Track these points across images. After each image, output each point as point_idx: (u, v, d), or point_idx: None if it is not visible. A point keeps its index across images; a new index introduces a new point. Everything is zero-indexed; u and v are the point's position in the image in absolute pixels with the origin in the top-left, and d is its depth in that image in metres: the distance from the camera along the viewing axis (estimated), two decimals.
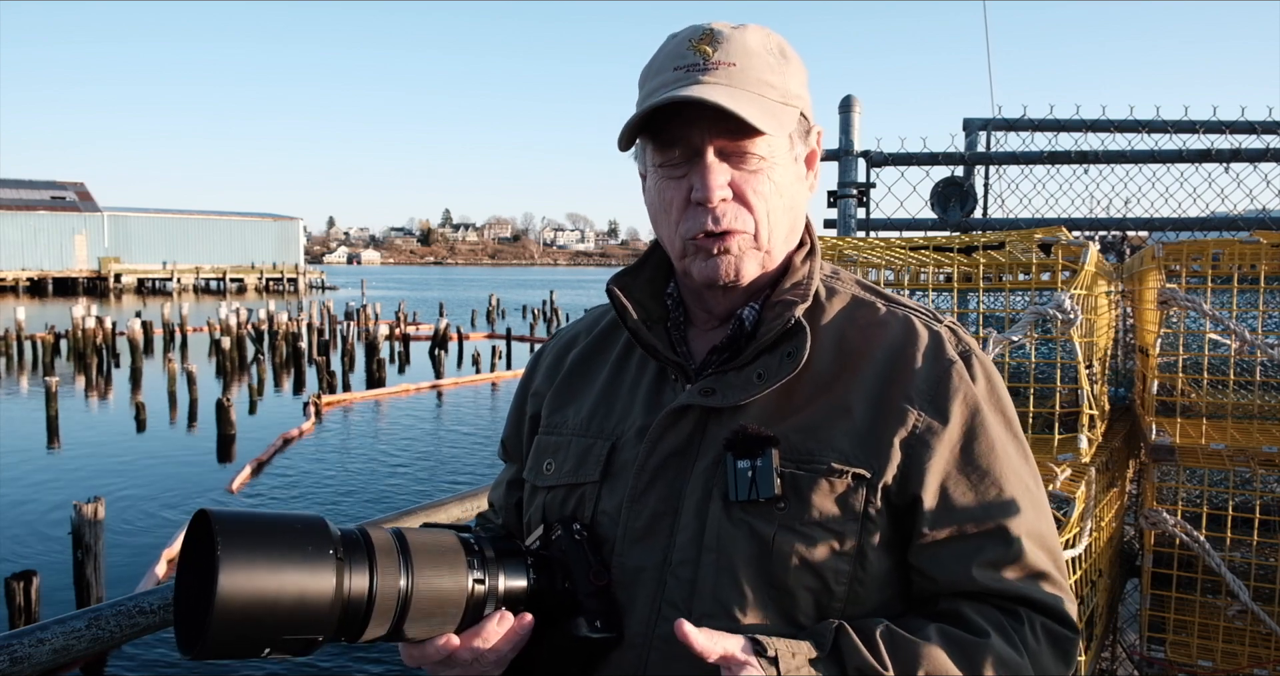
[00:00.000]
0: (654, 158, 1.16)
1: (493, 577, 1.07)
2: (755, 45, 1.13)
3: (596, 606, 1.10)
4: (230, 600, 0.89)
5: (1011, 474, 1.12)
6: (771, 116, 1.10)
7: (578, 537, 1.14)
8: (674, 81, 1.10)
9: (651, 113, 1.10)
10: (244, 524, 0.93)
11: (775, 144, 1.13)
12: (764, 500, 1.07)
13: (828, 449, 1.09)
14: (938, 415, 1.11)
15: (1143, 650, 2.61)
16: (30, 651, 1.38)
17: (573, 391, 1.30)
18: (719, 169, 1.11)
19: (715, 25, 1.14)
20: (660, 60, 1.15)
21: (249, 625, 0.91)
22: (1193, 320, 2.62)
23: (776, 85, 1.12)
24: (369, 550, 1.00)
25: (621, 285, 1.24)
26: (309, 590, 0.94)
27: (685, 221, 1.14)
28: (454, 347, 33.67)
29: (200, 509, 0.94)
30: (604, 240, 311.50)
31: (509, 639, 1.08)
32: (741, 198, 1.13)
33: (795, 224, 1.21)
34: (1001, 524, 1.09)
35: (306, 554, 0.95)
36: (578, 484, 1.21)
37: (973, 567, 1.08)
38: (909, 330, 1.17)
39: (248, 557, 0.91)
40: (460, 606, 1.04)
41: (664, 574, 1.11)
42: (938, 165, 3.82)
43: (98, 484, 13.65)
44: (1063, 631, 1.10)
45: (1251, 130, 3.82)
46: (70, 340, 31.08)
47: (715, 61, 1.11)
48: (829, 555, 1.07)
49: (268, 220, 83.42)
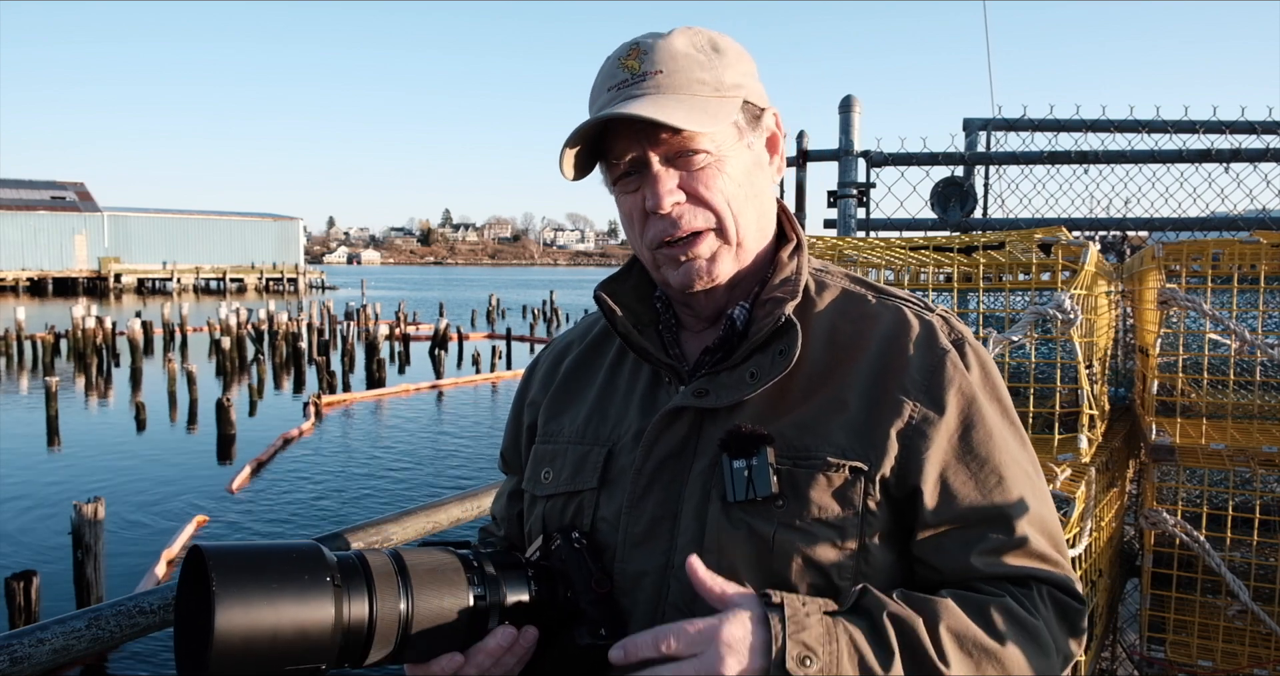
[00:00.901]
0: (609, 177, 1.19)
1: (494, 593, 1.07)
2: (681, 48, 1.14)
3: (599, 614, 1.10)
4: (228, 637, 0.88)
5: (1011, 461, 1.12)
6: (703, 113, 1.10)
7: (577, 546, 1.14)
8: (608, 102, 1.12)
9: (599, 134, 1.13)
10: (237, 558, 0.93)
11: (719, 137, 1.14)
12: (761, 499, 1.07)
13: (824, 443, 1.09)
14: (933, 405, 1.11)
15: (1143, 650, 2.61)
16: (30, 651, 1.38)
17: (568, 399, 1.30)
18: (666, 176, 1.13)
19: (641, 38, 1.16)
20: (597, 83, 1.17)
21: (250, 660, 0.90)
22: (1193, 320, 2.62)
23: (708, 81, 1.13)
24: (367, 575, 0.99)
25: (609, 291, 1.25)
26: (308, 620, 0.93)
27: (648, 231, 1.16)
28: (454, 348, 33.68)
29: (193, 544, 0.94)
30: (604, 240, 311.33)
31: (514, 653, 1.08)
32: (696, 196, 1.14)
33: (764, 210, 1.21)
34: (1004, 512, 1.09)
35: (303, 583, 0.94)
36: (576, 491, 1.20)
37: (974, 555, 1.08)
38: (901, 320, 1.17)
39: (243, 592, 0.90)
40: (463, 625, 1.04)
41: (666, 577, 1.11)
42: (938, 165, 3.82)
43: (98, 484, 13.67)
44: (1070, 601, 1.11)
45: (1251, 130, 3.82)
46: (70, 340, 31.10)
47: (642, 73, 1.12)
48: (831, 551, 1.07)
49: (268, 220, 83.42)
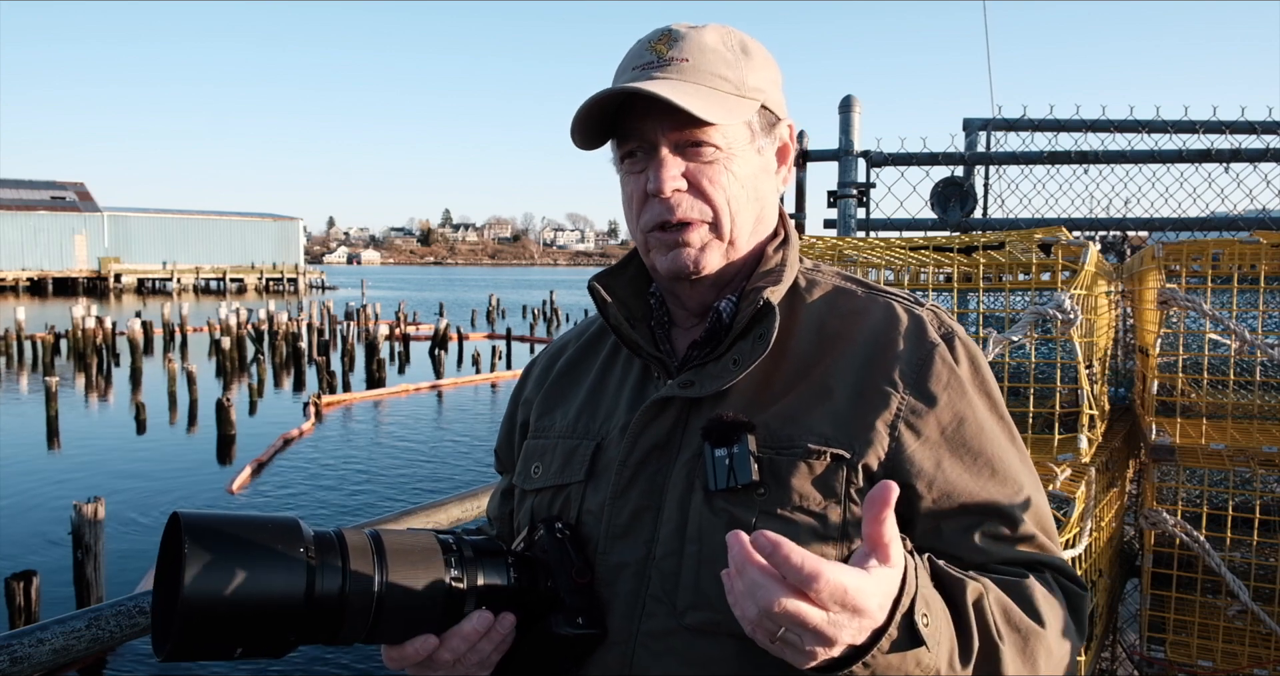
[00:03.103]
0: (617, 154, 1.19)
1: (471, 576, 1.06)
2: (711, 42, 1.15)
3: (579, 603, 1.10)
4: (196, 601, 0.88)
5: (1003, 453, 1.12)
6: (721, 107, 1.11)
7: (560, 536, 1.13)
8: (630, 81, 1.12)
9: (615, 112, 1.13)
10: (213, 525, 0.93)
11: (731, 135, 1.14)
12: (742, 487, 1.06)
13: (806, 432, 1.09)
14: (923, 398, 1.10)
15: (1143, 650, 2.61)
16: (30, 651, 1.38)
17: (561, 395, 1.31)
18: (672, 161, 1.13)
19: (675, 26, 1.16)
20: (623, 63, 1.18)
21: (217, 626, 0.90)
22: (1193, 320, 2.62)
23: (730, 78, 1.14)
24: (342, 550, 0.99)
25: (604, 283, 1.25)
26: (277, 590, 0.93)
27: (645, 214, 1.16)
28: (454, 348, 33.69)
29: (174, 511, 0.94)
30: (604, 240, 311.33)
31: (490, 639, 1.07)
32: (698, 188, 1.14)
33: (763, 215, 1.21)
34: (1000, 504, 1.09)
35: (275, 554, 0.94)
36: (564, 484, 1.20)
37: (977, 543, 1.08)
38: (890, 314, 1.17)
39: (214, 559, 0.90)
40: (438, 607, 1.04)
41: (647, 569, 1.11)
42: (938, 165, 3.82)
43: (98, 484, 13.64)
44: (1074, 587, 1.11)
45: (1251, 130, 3.82)
46: (70, 340, 31.10)
47: (669, 58, 1.13)
48: (813, 540, 1.06)
49: (268, 220, 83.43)
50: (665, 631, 1.08)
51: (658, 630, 1.08)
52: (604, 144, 1.19)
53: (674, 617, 1.08)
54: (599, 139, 1.18)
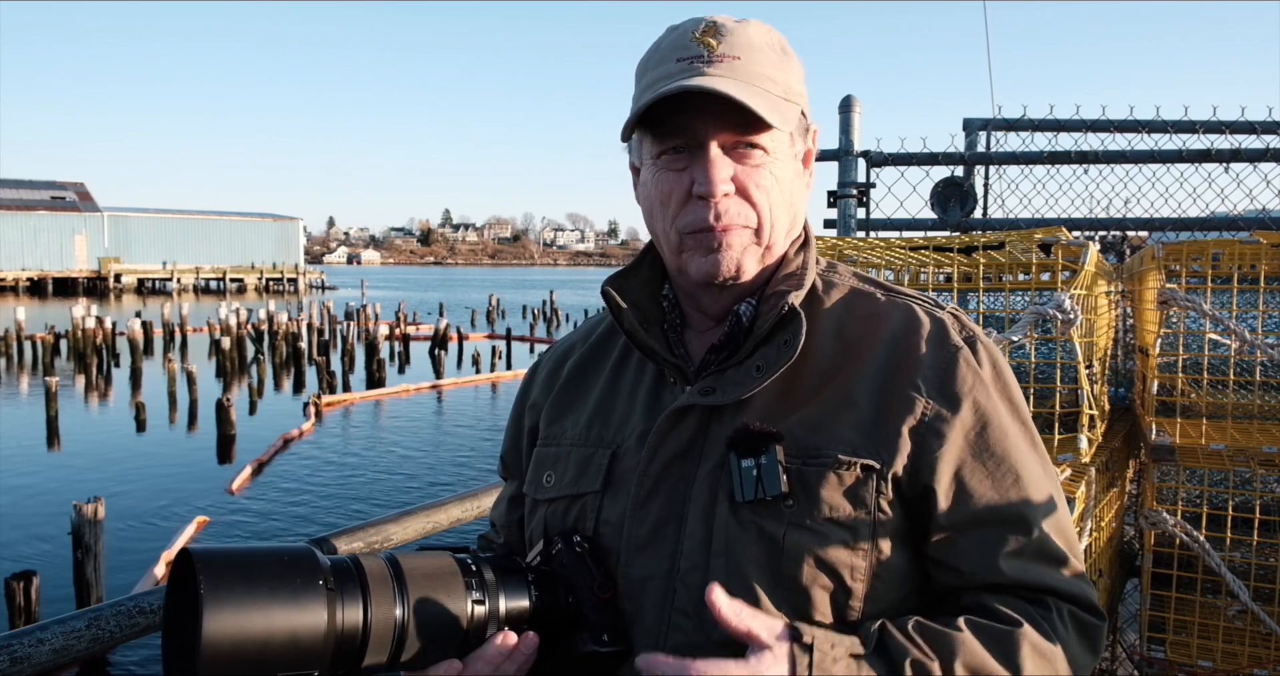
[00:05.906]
0: (652, 149, 1.14)
1: (493, 599, 1.04)
2: (758, 40, 1.12)
3: (602, 619, 1.08)
4: (217, 643, 0.86)
5: (1026, 460, 1.10)
6: (776, 111, 1.09)
7: (579, 550, 1.11)
8: (678, 73, 1.09)
9: (654, 103, 1.07)
10: (227, 561, 0.91)
11: (778, 139, 1.12)
12: (771, 498, 1.04)
13: (834, 441, 1.07)
14: (946, 403, 1.08)
15: (1143, 650, 2.61)
16: (30, 651, 1.38)
17: (570, 401, 1.27)
18: (723, 162, 1.10)
19: (718, 18, 1.12)
20: (662, 51, 1.13)
21: (238, 667, 0.88)
22: (1193, 320, 2.62)
23: (779, 80, 1.11)
24: (361, 579, 0.97)
25: (617, 286, 1.21)
26: (299, 625, 0.91)
27: (684, 215, 1.12)
28: (454, 348, 33.65)
29: (183, 548, 0.92)
30: (604, 240, 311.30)
31: (514, 660, 1.05)
32: (744, 192, 1.11)
33: (795, 220, 1.19)
34: (1021, 512, 1.07)
35: (295, 587, 0.92)
36: (579, 495, 1.17)
37: (999, 559, 1.05)
38: (911, 318, 1.15)
39: (232, 597, 0.88)
40: (460, 631, 1.02)
41: (672, 582, 1.08)
42: (938, 165, 3.82)
43: (98, 484, 13.63)
44: (1090, 619, 1.09)
45: (1251, 130, 3.82)
46: (70, 340, 31.08)
47: (720, 54, 1.09)
48: (843, 551, 1.04)
49: (268, 220, 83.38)
50: (693, 647, 1.04)
51: (685, 645, 1.05)
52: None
53: (702, 633, 1.05)
54: (633, 129, 1.14)
